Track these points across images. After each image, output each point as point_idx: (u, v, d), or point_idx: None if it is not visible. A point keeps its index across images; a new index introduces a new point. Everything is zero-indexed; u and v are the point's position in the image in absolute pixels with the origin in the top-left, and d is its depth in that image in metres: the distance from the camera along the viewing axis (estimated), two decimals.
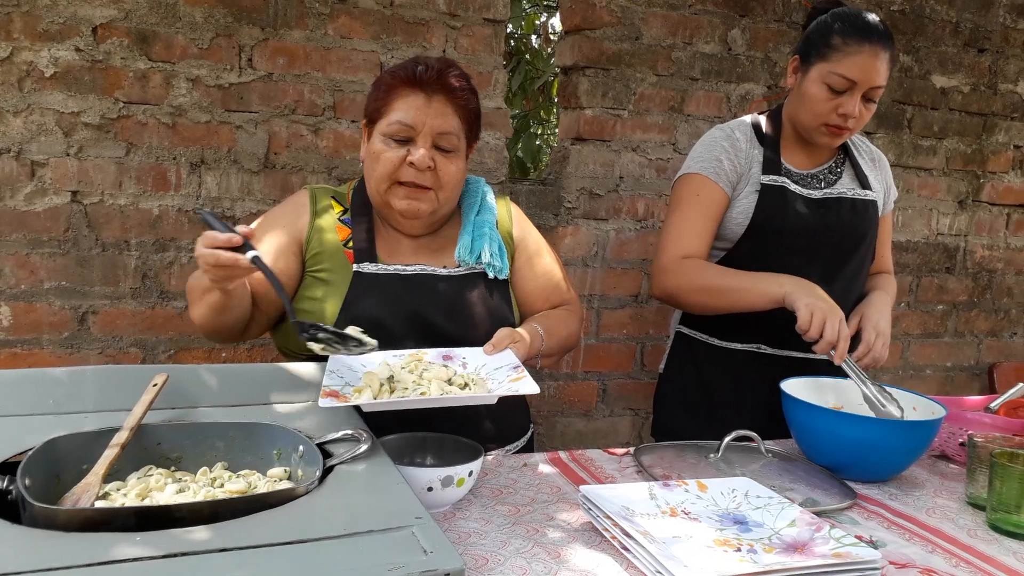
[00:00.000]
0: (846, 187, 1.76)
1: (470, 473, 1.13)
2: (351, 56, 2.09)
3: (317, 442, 1.05)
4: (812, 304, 1.48)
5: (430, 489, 1.10)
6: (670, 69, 2.37)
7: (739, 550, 0.98)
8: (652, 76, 2.35)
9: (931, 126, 2.72)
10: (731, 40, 2.42)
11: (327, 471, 0.96)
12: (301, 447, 1.05)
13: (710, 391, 1.81)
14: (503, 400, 1.49)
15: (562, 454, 1.43)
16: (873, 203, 1.77)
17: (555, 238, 2.32)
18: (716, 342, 1.80)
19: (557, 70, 2.89)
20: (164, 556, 0.71)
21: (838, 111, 1.62)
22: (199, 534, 0.76)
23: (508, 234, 1.58)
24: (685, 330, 1.88)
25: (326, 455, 1.01)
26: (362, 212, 1.49)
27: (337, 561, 0.73)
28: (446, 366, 1.33)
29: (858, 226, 1.74)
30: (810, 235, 1.71)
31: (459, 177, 1.46)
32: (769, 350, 1.74)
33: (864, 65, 1.58)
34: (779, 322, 1.59)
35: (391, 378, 1.27)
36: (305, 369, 1.26)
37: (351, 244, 1.46)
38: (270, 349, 2.09)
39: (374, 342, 1.19)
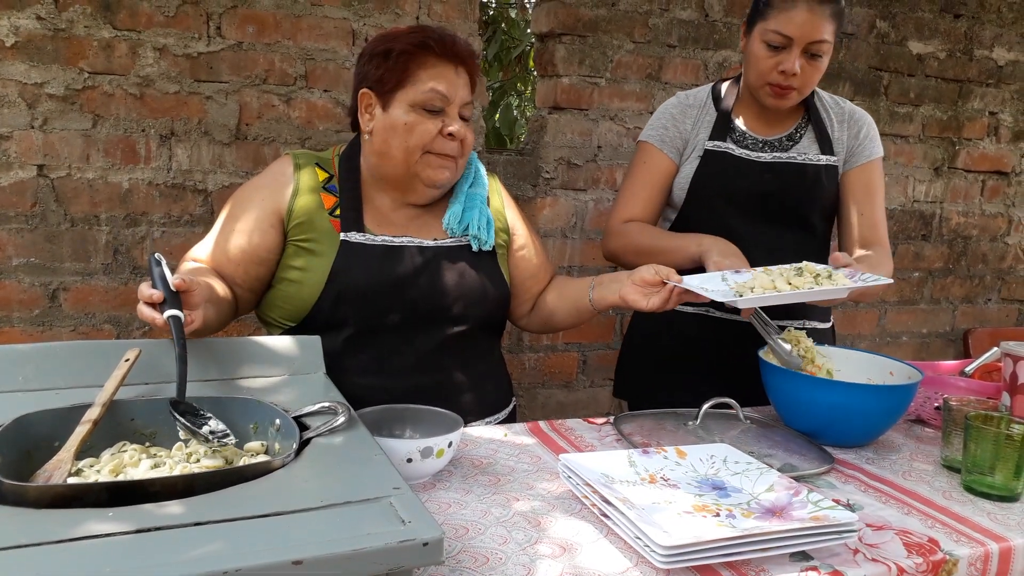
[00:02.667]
0: (801, 151, 1.74)
1: (449, 444, 1.12)
2: (322, 24, 2.05)
3: (294, 415, 1.04)
4: (719, 262, 1.52)
5: (409, 460, 1.09)
6: (647, 36, 2.35)
7: (717, 515, 0.98)
8: (629, 43, 2.33)
9: (907, 93, 2.72)
10: (708, 6, 2.40)
11: (304, 444, 0.95)
12: (278, 420, 1.04)
13: (676, 352, 1.83)
14: (484, 373, 1.51)
15: (542, 424, 1.43)
16: (829, 167, 1.73)
17: (533, 209, 2.31)
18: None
19: (533, 40, 2.86)
20: (137, 531, 0.70)
21: (779, 68, 1.61)
22: (172, 508, 0.75)
23: (499, 212, 1.57)
24: None
25: (303, 428, 1.00)
26: (350, 180, 1.46)
27: (313, 532, 0.72)
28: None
29: (807, 191, 1.72)
30: (752, 200, 1.70)
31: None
32: (716, 314, 1.76)
33: (799, 20, 1.57)
34: None
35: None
36: (281, 342, 1.24)
37: (337, 212, 1.44)
38: (247, 324, 2.06)
39: (234, 440, 1.03)
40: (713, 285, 1.42)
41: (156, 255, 1.19)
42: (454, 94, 1.38)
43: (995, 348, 1.54)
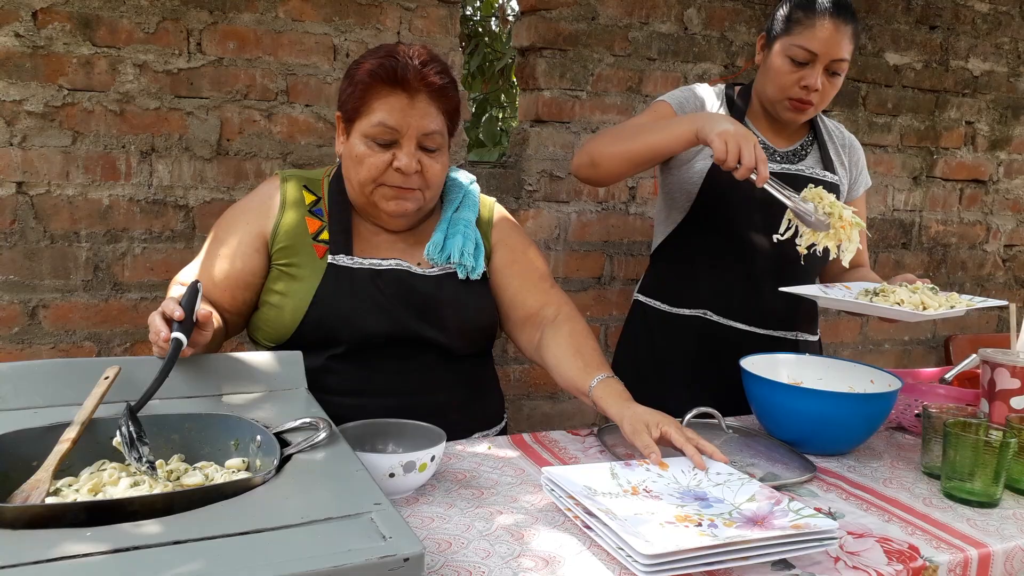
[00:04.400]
0: (808, 166, 1.78)
1: (432, 458, 1.12)
2: (303, 39, 2.05)
3: (275, 431, 1.03)
4: (724, 133, 1.46)
5: (392, 475, 1.09)
6: (627, 49, 2.37)
7: (699, 525, 0.99)
8: (609, 56, 2.35)
9: (885, 103, 2.76)
10: (687, 19, 2.43)
11: (284, 460, 0.94)
12: (259, 437, 1.04)
13: (660, 359, 1.84)
14: (473, 394, 1.49)
15: (526, 436, 1.43)
16: (832, 185, 1.78)
17: (517, 221, 2.31)
18: (666, 308, 1.83)
19: (515, 53, 2.88)
20: (114, 551, 0.69)
21: (800, 83, 1.64)
22: (151, 527, 0.74)
23: (486, 234, 1.53)
24: (641, 298, 1.91)
25: (284, 444, 1.00)
26: (339, 204, 1.44)
27: (294, 549, 0.72)
28: None
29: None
30: (761, 207, 1.73)
31: (444, 173, 1.42)
32: (714, 317, 1.78)
33: (824, 37, 1.60)
34: (724, 288, 1.68)
35: None
36: (262, 358, 1.24)
37: (322, 236, 1.42)
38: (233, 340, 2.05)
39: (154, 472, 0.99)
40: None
41: (198, 283, 1.22)
42: (406, 126, 1.33)
43: (974, 355, 1.55)
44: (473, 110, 4.60)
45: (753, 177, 1.48)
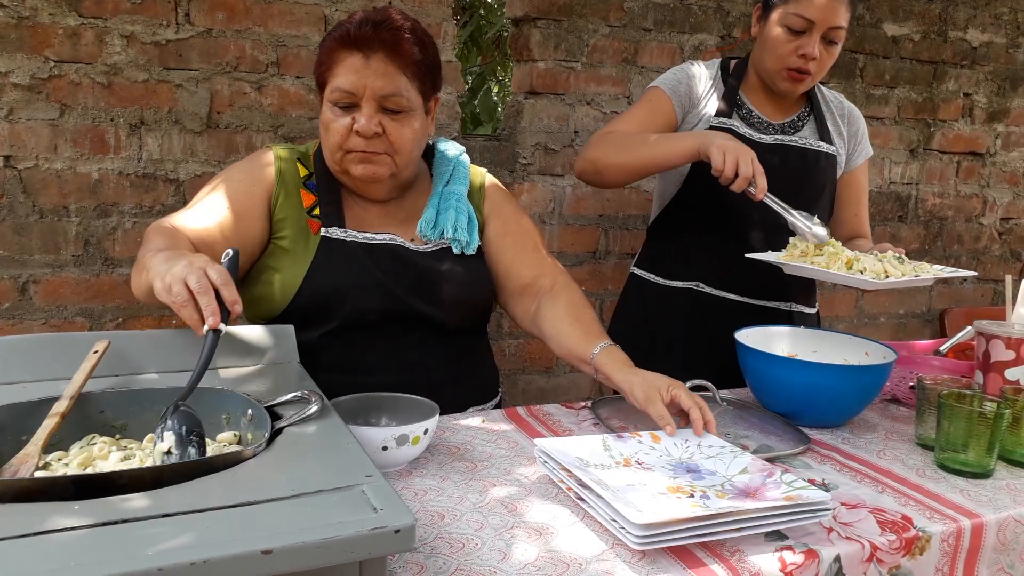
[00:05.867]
0: (803, 137, 1.77)
1: (425, 431, 1.12)
2: (293, 10, 2.02)
3: (266, 405, 1.02)
4: (723, 146, 1.50)
5: (385, 448, 1.08)
6: (623, 20, 2.34)
7: (692, 496, 0.98)
8: (604, 27, 2.32)
9: (883, 75, 2.73)
10: None
11: (276, 433, 0.94)
12: (250, 410, 1.03)
13: (654, 332, 1.84)
14: (467, 370, 1.47)
15: (520, 410, 1.42)
16: (828, 155, 1.77)
17: (511, 195, 2.30)
18: (660, 280, 1.83)
19: (507, 22, 2.84)
20: (102, 524, 0.69)
21: (798, 52, 1.62)
22: (140, 501, 0.73)
23: (479, 207, 1.51)
24: (637, 271, 1.91)
25: (276, 418, 0.99)
26: (328, 176, 1.42)
27: (284, 522, 0.71)
28: None
29: (807, 175, 1.75)
30: None
31: (415, 137, 1.37)
32: (706, 289, 1.78)
33: (821, 4, 1.59)
34: (717, 260, 1.69)
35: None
36: (254, 332, 1.22)
37: (316, 211, 1.40)
38: None
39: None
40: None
41: (232, 252, 1.15)
42: (361, 87, 1.29)
43: (969, 327, 1.55)
44: (470, 84, 4.56)
45: (752, 190, 1.48)
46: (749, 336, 1.50)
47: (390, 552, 0.73)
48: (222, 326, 1.03)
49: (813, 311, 1.89)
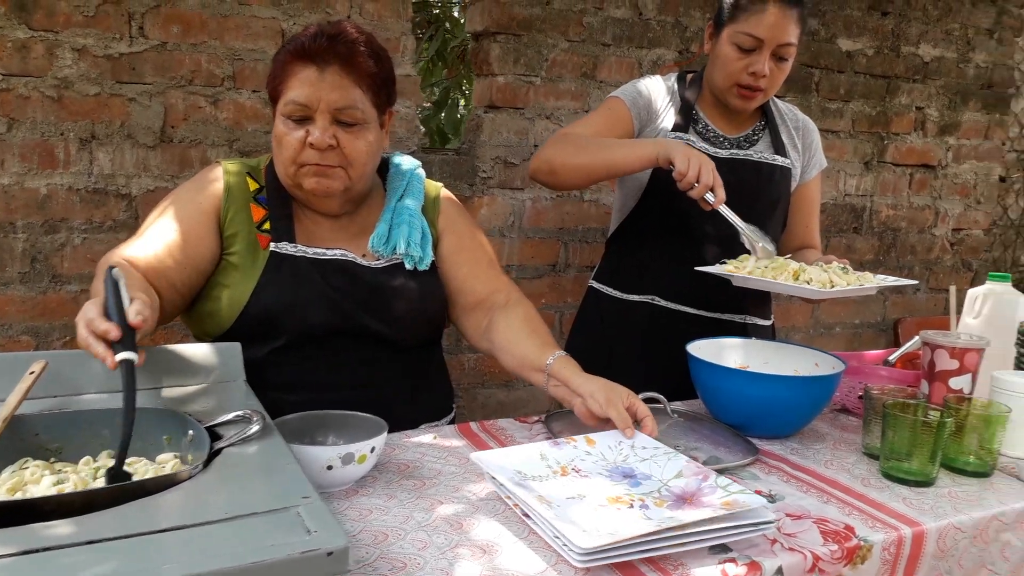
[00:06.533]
0: (758, 151, 1.79)
1: (372, 449, 1.11)
2: (250, 23, 2.01)
3: (208, 425, 1.01)
4: (688, 152, 1.53)
5: (330, 468, 1.07)
6: (582, 35, 2.36)
7: (632, 507, 0.99)
8: (564, 42, 2.34)
9: (837, 89, 2.78)
10: (642, 5, 2.42)
11: (215, 454, 0.92)
12: (191, 431, 1.01)
13: (611, 345, 1.85)
14: (420, 386, 1.46)
15: (473, 425, 1.42)
16: (783, 169, 1.80)
17: (471, 209, 2.30)
18: (618, 294, 1.84)
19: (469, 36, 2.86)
20: (23, 552, 0.67)
21: (748, 70, 1.64)
22: (66, 527, 0.72)
23: (432, 221, 1.50)
24: (595, 285, 1.92)
25: (217, 438, 0.98)
26: (279, 191, 1.41)
27: (212, 546, 0.70)
28: None
29: (762, 189, 1.77)
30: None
31: (370, 151, 1.37)
32: (662, 302, 1.79)
33: (770, 22, 1.61)
34: (673, 274, 1.70)
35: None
36: (199, 350, 1.21)
37: (265, 227, 1.38)
38: (177, 331, 2.01)
39: None
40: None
41: (114, 272, 1.07)
42: (316, 100, 1.28)
43: (916, 337, 1.58)
44: (436, 98, 4.56)
45: (710, 198, 1.50)
46: (701, 348, 1.51)
47: (324, 575, 0.72)
48: (130, 355, 0.98)
49: (768, 323, 1.91)
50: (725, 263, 1.63)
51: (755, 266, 1.59)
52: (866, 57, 2.81)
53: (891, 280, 1.57)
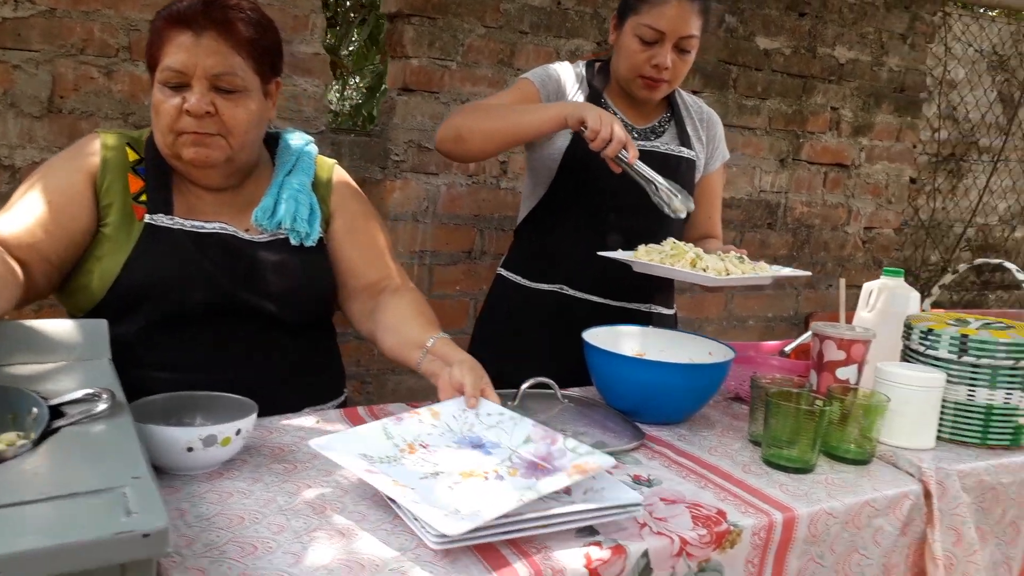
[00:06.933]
0: (665, 143, 1.80)
1: (238, 431, 1.06)
2: None
3: (53, 403, 0.95)
4: (599, 111, 1.51)
5: (190, 450, 1.02)
6: (499, 21, 2.33)
7: (487, 479, 0.98)
8: (480, 27, 2.31)
9: (755, 86, 2.82)
10: None
11: (50, 432, 0.87)
12: (35, 409, 0.95)
13: (519, 334, 1.84)
14: (307, 363, 1.42)
15: (360, 410, 1.38)
16: (688, 160, 1.81)
17: (382, 192, 2.26)
18: (526, 283, 1.83)
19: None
20: None
21: (651, 62, 1.65)
22: None
23: (324, 198, 1.46)
24: (504, 273, 1.90)
25: (60, 416, 0.92)
26: (158, 161, 1.35)
27: (20, 527, 0.65)
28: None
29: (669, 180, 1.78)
30: (618, 185, 1.73)
31: (251, 120, 1.32)
32: (570, 291, 1.78)
33: (671, 15, 1.61)
34: (581, 263, 1.68)
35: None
36: (60, 327, 1.14)
37: (142, 197, 1.32)
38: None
39: None
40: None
41: None
42: (192, 65, 1.24)
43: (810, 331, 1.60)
44: (368, 83, 4.47)
45: (624, 154, 1.49)
46: (597, 336, 1.51)
47: (141, 556, 0.68)
48: None
49: (671, 312, 1.92)
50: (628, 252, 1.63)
51: (656, 253, 1.59)
52: (783, 56, 2.85)
53: (785, 271, 1.59)
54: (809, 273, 1.54)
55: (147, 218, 1.30)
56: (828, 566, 1.13)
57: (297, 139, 1.49)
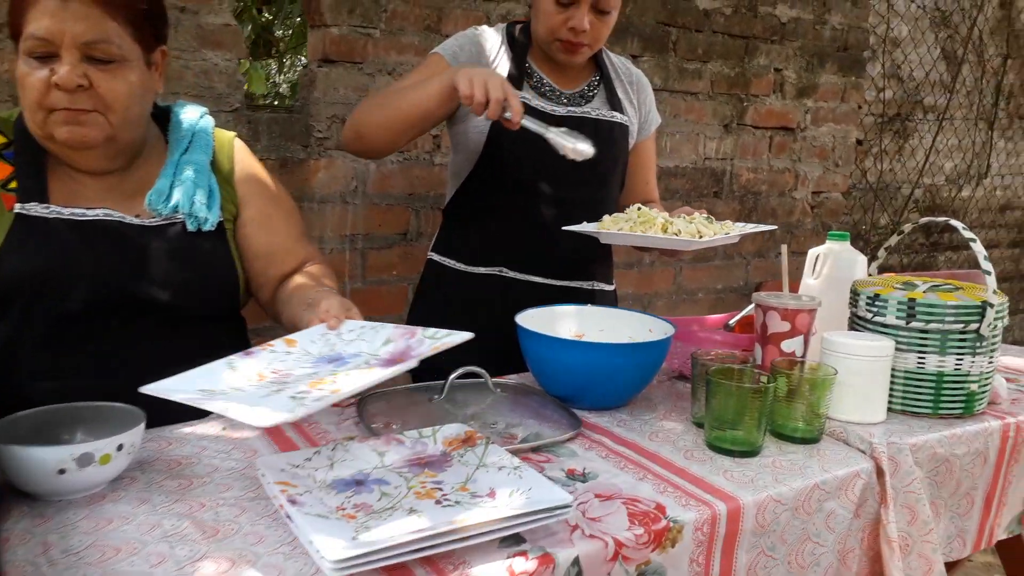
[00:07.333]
0: (595, 108, 1.70)
1: (119, 447, 0.94)
2: None
3: None
4: (469, 72, 1.38)
5: (62, 472, 0.90)
6: None
7: (321, 387, 0.95)
8: None
9: (696, 49, 2.73)
10: None
11: None
12: None
13: (458, 320, 1.72)
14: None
15: None
16: (621, 126, 1.71)
17: (306, 172, 2.12)
18: (462, 267, 1.72)
19: None
20: None
21: (567, 24, 1.54)
22: None
23: (227, 179, 1.34)
24: (436, 257, 1.78)
25: None
26: (30, 144, 1.21)
27: None
28: None
29: (602, 148, 1.68)
30: (550, 154, 1.63)
31: (131, 92, 1.18)
32: (511, 273, 1.68)
33: None
34: (520, 242, 1.58)
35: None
36: None
37: (12, 185, 1.19)
38: None
39: None
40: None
41: None
42: (59, 33, 1.11)
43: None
44: (306, 63, 4.28)
45: (507, 115, 1.38)
46: (532, 318, 1.41)
47: None
48: None
49: (612, 288, 1.83)
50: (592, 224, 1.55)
51: (624, 222, 1.52)
52: (724, 16, 2.77)
53: (751, 227, 1.56)
54: (776, 227, 1.54)
55: (17, 207, 1.16)
56: (780, 558, 1.05)
57: (190, 113, 1.35)
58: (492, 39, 1.66)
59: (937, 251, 3.67)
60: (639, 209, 1.57)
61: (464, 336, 0.98)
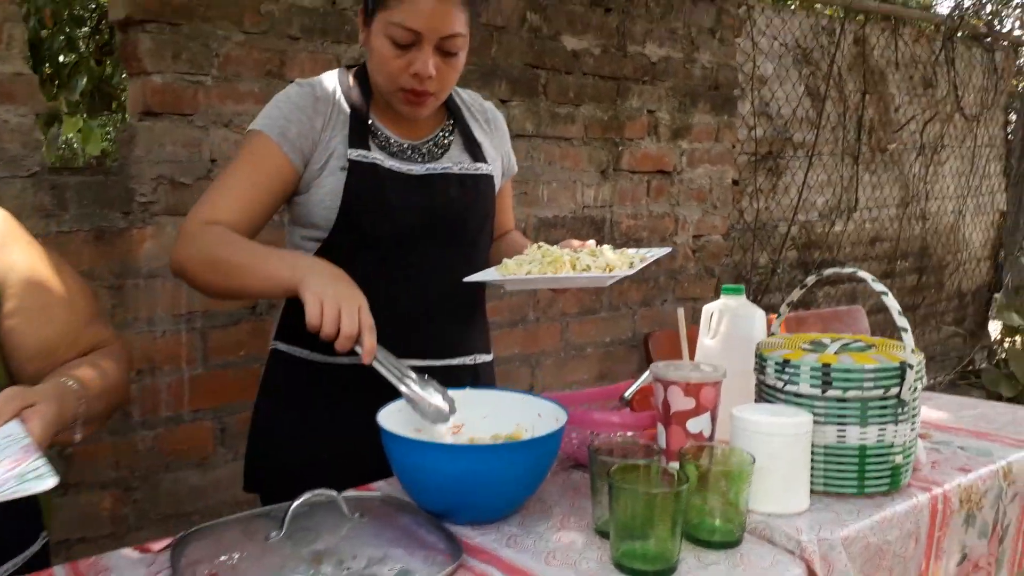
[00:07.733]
0: (456, 160, 1.48)
1: None
2: None
3: None
4: (320, 290, 1.18)
5: None
6: (261, 26, 1.95)
7: None
8: (239, 33, 1.92)
9: (567, 91, 2.61)
10: None
11: None
12: None
13: (309, 419, 1.45)
14: None
15: (58, 571, 0.96)
16: (486, 177, 1.51)
17: (129, 244, 1.80)
18: (318, 357, 1.44)
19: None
20: None
21: (410, 71, 1.32)
22: None
23: None
24: (281, 346, 1.50)
25: None
26: None
27: None
28: None
29: (470, 206, 1.48)
30: (412, 219, 1.41)
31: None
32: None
33: (427, 10, 1.28)
34: (391, 324, 1.29)
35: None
36: None
37: None
38: None
39: None
40: None
41: None
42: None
43: (648, 371, 1.34)
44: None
45: (358, 350, 1.18)
46: (397, 414, 1.18)
47: None
48: None
49: (490, 358, 1.61)
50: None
51: (529, 264, 1.35)
52: (593, 57, 2.66)
53: (654, 252, 1.45)
54: (670, 249, 1.45)
55: None
56: None
57: None
58: (323, 96, 1.41)
59: (816, 287, 3.69)
60: (539, 247, 1.38)
61: None
